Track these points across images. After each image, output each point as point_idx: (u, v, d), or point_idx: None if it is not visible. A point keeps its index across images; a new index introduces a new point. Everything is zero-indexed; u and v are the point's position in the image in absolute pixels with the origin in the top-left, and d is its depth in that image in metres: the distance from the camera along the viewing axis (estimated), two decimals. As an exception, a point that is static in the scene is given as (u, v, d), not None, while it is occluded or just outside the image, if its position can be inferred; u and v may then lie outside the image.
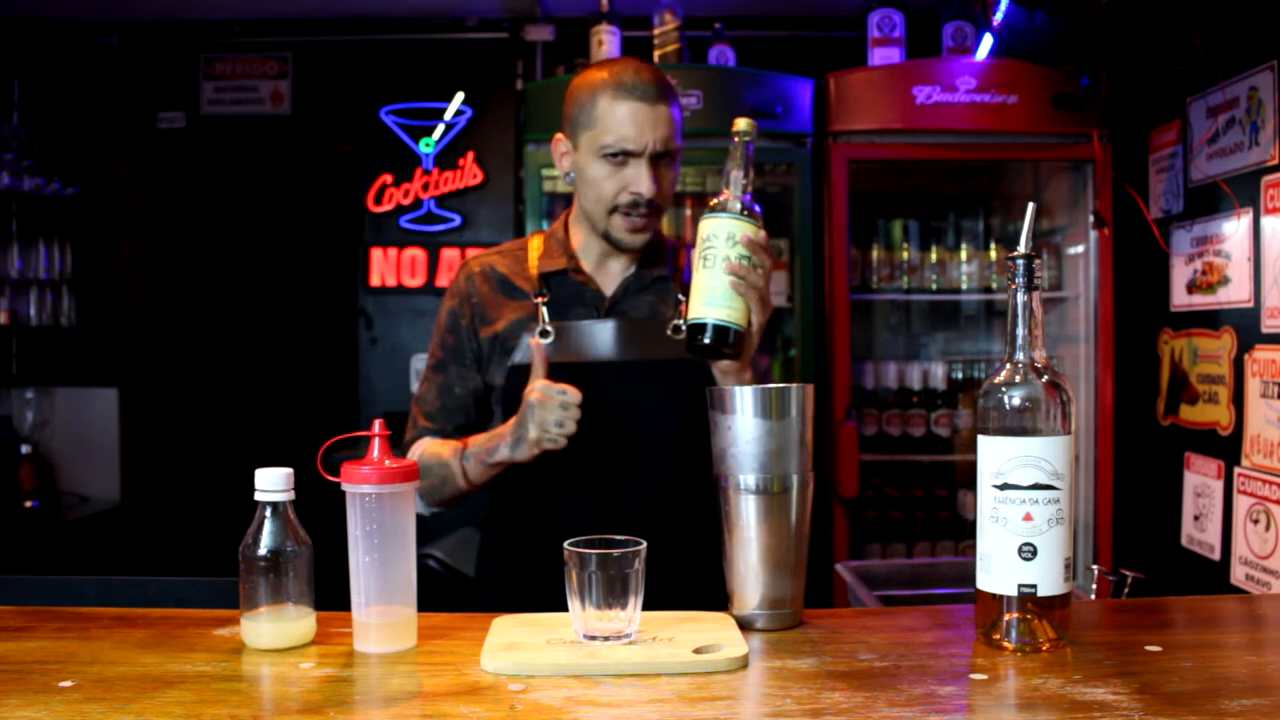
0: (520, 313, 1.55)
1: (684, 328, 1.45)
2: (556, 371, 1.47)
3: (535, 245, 1.62)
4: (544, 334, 1.51)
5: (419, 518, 1.07)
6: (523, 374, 1.45)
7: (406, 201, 3.73)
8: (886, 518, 3.44)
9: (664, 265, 1.58)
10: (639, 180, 1.47)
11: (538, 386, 1.35)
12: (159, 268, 4.21)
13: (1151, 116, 2.99)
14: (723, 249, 1.28)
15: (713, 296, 1.28)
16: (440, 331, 1.63)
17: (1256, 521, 2.47)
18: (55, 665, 0.96)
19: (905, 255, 3.41)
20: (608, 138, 1.46)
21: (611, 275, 1.58)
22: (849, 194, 3.17)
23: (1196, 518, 2.75)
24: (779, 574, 1.09)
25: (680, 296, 1.55)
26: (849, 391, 3.16)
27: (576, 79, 1.54)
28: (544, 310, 1.53)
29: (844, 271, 3.17)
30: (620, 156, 1.47)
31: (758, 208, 1.32)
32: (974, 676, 0.93)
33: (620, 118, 1.45)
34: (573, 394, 1.34)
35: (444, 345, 1.61)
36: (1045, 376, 1.02)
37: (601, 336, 1.52)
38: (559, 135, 1.56)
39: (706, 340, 1.30)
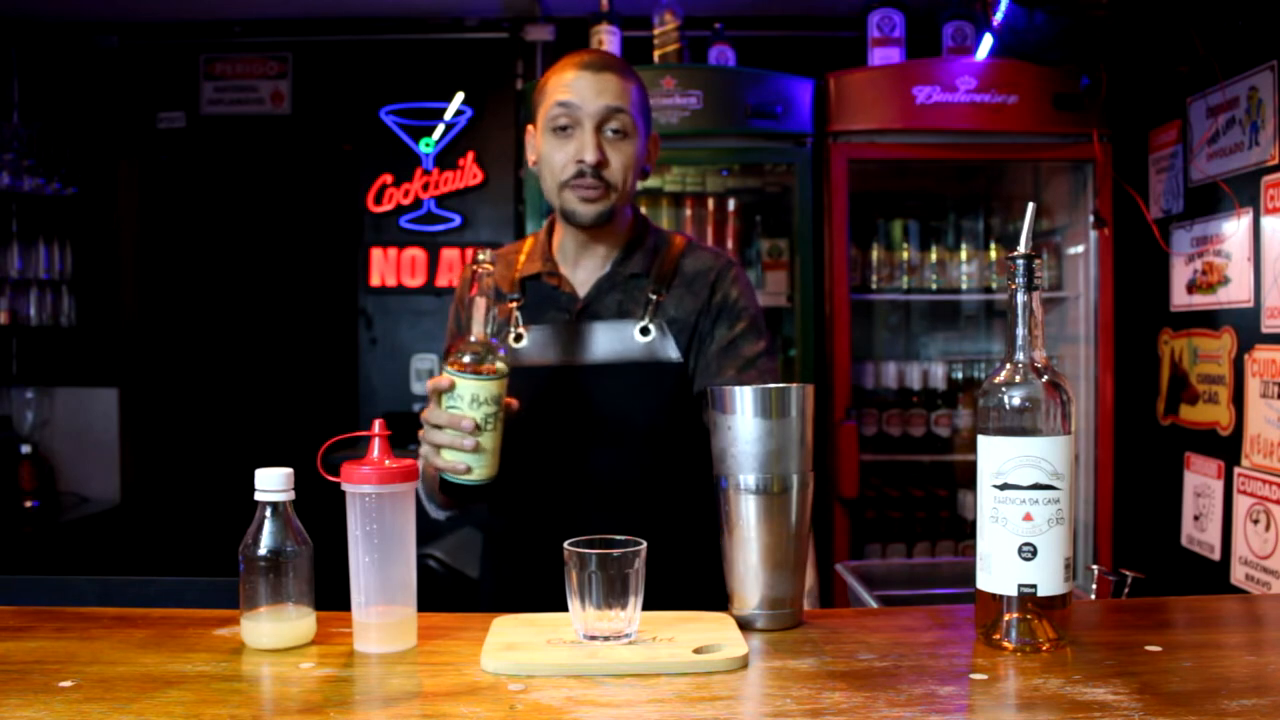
0: (501, 316, 1.55)
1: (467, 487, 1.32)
2: (527, 375, 1.48)
3: (526, 247, 1.63)
4: (518, 338, 1.52)
5: (419, 518, 1.07)
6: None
7: (406, 201, 3.73)
8: (886, 518, 3.44)
9: (641, 260, 1.56)
10: (583, 148, 1.46)
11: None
12: (159, 268, 4.21)
13: (1151, 116, 2.99)
14: (468, 410, 1.25)
15: (460, 459, 1.27)
16: (448, 334, 1.66)
17: (1256, 521, 2.47)
18: (55, 665, 0.96)
19: (905, 255, 3.41)
20: (554, 107, 1.47)
21: (587, 274, 1.56)
22: (849, 194, 3.17)
23: (1196, 518, 2.75)
24: (779, 574, 1.09)
25: (651, 296, 1.53)
26: (849, 391, 3.16)
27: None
28: (517, 314, 1.54)
29: (844, 271, 3.17)
30: (567, 126, 1.47)
31: (502, 348, 1.29)
32: (974, 676, 0.93)
33: (564, 83, 1.47)
34: (437, 414, 1.28)
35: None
36: (1045, 376, 1.02)
37: (569, 339, 1.51)
38: (529, 126, 1.56)
39: (465, 497, 1.34)
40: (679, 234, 1.64)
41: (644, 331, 1.51)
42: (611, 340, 1.51)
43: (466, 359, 1.26)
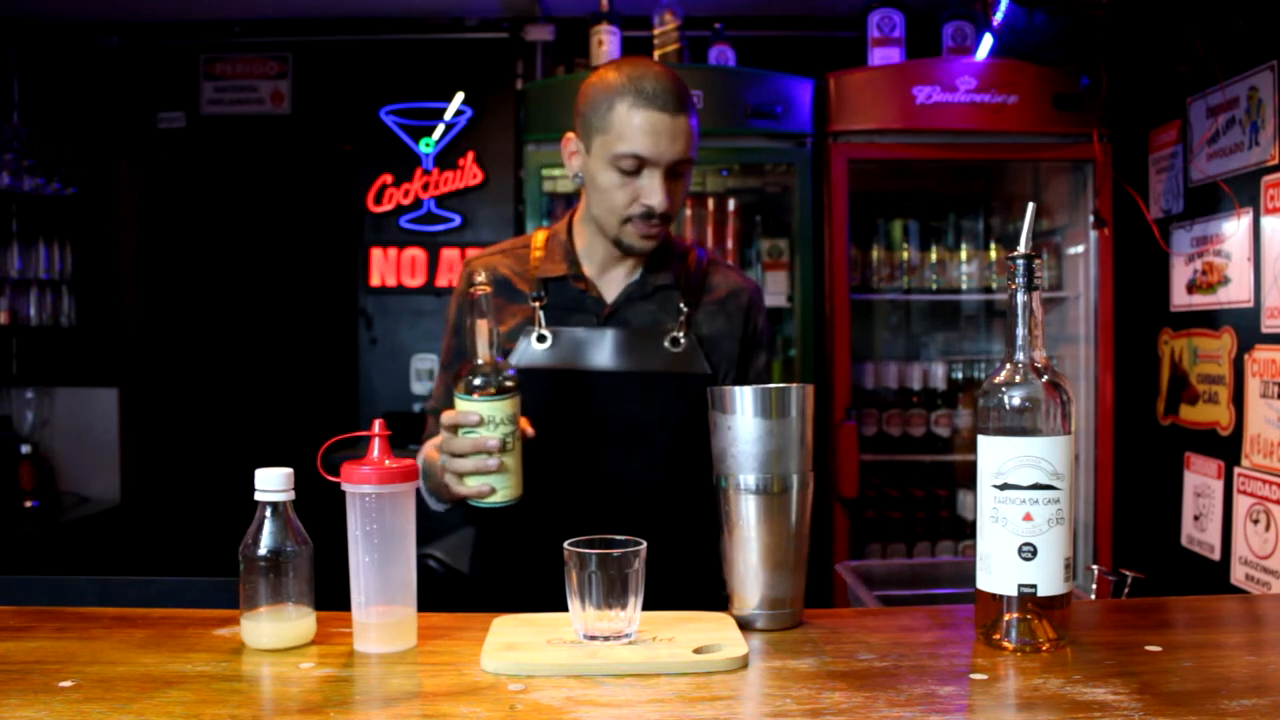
0: (520, 316, 1.53)
1: (681, 341, 1.51)
2: (551, 378, 1.47)
3: (538, 244, 1.59)
4: (540, 339, 1.50)
5: (419, 517, 1.07)
6: (520, 377, 1.45)
7: (406, 201, 3.73)
8: (886, 518, 3.44)
9: (670, 271, 1.56)
10: (652, 193, 1.43)
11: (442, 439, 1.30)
12: (159, 268, 4.21)
13: (1151, 116, 2.99)
14: (488, 433, 1.25)
15: (485, 481, 1.27)
16: (449, 331, 1.62)
17: (1256, 521, 2.47)
18: (55, 665, 0.96)
19: (905, 255, 3.41)
20: (622, 146, 1.41)
21: (615, 281, 1.55)
22: (849, 194, 3.17)
23: (1196, 518, 2.75)
24: (779, 574, 1.09)
25: (683, 306, 1.53)
26: (849, 391, 3.16)
27: (592, 77, 1.49)
28: (541, 315, 1.51)
29: (844, 271, 3.17)
30: (634, 167, 1.42)
31: (510, 368, 1.29)
32: (974, 676, 0.93)
33: (637, 127, 1.40)
34: (459, 441, 1.26)
35: (451, 346, 1.61)
36: (1045, 376, 1.02)
37: (597, 344, 1.50)
38: (569, 134, 1.52)
39: (490, 518, 1.38)
40: (689, 242, 1.65)
41: (674, 342, 1.51)
42: (642, 348, 1.50)
43: (477, 382, 1.26)
